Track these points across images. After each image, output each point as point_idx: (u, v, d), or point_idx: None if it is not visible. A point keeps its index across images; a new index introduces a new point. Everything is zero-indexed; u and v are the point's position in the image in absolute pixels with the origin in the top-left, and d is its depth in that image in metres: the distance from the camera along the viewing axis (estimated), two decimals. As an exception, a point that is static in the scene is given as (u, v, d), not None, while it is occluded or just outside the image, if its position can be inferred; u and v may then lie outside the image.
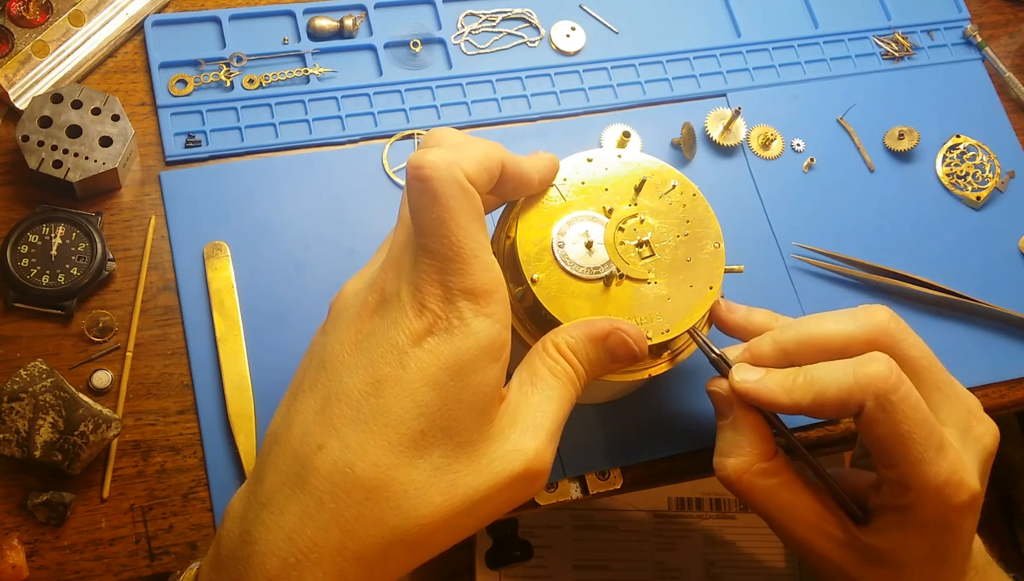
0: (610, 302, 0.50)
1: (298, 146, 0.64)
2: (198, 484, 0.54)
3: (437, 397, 0.42)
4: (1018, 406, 0.66)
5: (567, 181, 0.53)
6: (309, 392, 0.44)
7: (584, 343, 0.47)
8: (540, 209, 0.52)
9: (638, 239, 0.52)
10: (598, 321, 0.48)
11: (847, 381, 0.47)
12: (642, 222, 0.52)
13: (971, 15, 0.77)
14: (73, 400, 0.52)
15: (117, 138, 0.59)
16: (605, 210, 0.52)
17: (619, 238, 0.52)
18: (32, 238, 0.57)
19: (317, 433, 0.42)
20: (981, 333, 0.66)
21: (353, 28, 0.67)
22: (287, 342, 0.58)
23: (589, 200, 0.52)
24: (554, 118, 0.68)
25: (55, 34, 0.62)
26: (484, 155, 0.45)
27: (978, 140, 0.72)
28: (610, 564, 0.77)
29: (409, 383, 0.41)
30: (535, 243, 0.51)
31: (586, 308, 0.50)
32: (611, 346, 0.47)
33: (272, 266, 0.60)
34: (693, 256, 0.52)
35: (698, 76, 0.71)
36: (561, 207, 0.52)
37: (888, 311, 0.51)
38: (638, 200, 0.53)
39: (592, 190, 0.53)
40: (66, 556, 0.52)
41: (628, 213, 0.52)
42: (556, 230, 0.51)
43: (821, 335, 0.51)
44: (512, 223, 0.52)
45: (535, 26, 0.70)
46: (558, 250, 0.51)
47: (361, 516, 0.40)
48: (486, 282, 0.42)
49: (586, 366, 0.47)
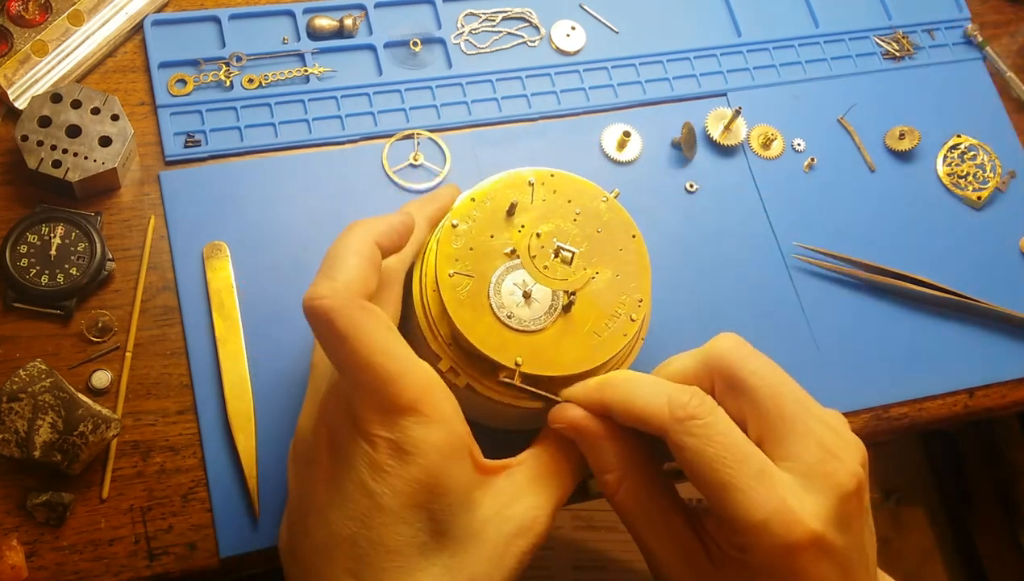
0: (583, 321, 0.50)
1: (298, 146, 0.64)
2: (197, 484, 0.54)
3: (422, 512, 0.43)
4: (1018, 406, 0.66)
5: (458, 254, 0.50)
6: (313, 531, 0.44)
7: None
8: (456, 295, 0.49)
9: (551, 251, 0.50)
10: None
11: (656, 400, 0.45)
12: (538, 236, 0.51)
13: (972, 15, 0.77)
14: (72, 400, 0.52)
15: (116, 138, 0.59)
16: (507, 254, 0.50)
17: (539, 264, 0.50)
18: (31, 238, 0.57)
19: (328, 575, 0.43)
20: (981, 333, 0.66)
21: (353, 28, 0.67)
22: (287, 342, 0.58)
23: (487, 255, 0.50)
24: (554, 118, 0.68)
25: (54, 34, 0.62)
26: (357, 251, 0.45)
27: (979, 140, 0.72)
28: (610, 565, 0.77)
29: (392, 511, 0.42)
30: (481, 325, 0.49)
31: (574, 346, 0.49)
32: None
33: (272, 266, 0.60)
34: (599, 224, 0.52)
35: (698, 76, 0.71)
36: (473, 283, 0.50)
37: (733, 338, 0.48)
38: (516, 221, 0.51)
39: (478, 243, 0.51)
40: (65, 556, 0.52)
41: (524, 238, 0.51)
42: (492, 304, 0.49)
43: (666, 368, 0.50)
44: (441, 321, 0.50)
45: (535, 26, 0.70)
46: (510, 321, 0.49)
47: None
48: (422, 391, 0.43)
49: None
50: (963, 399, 0.64)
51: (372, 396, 0.42)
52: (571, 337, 0.50)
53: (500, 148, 0.66)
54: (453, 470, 0.43)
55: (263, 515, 0.54)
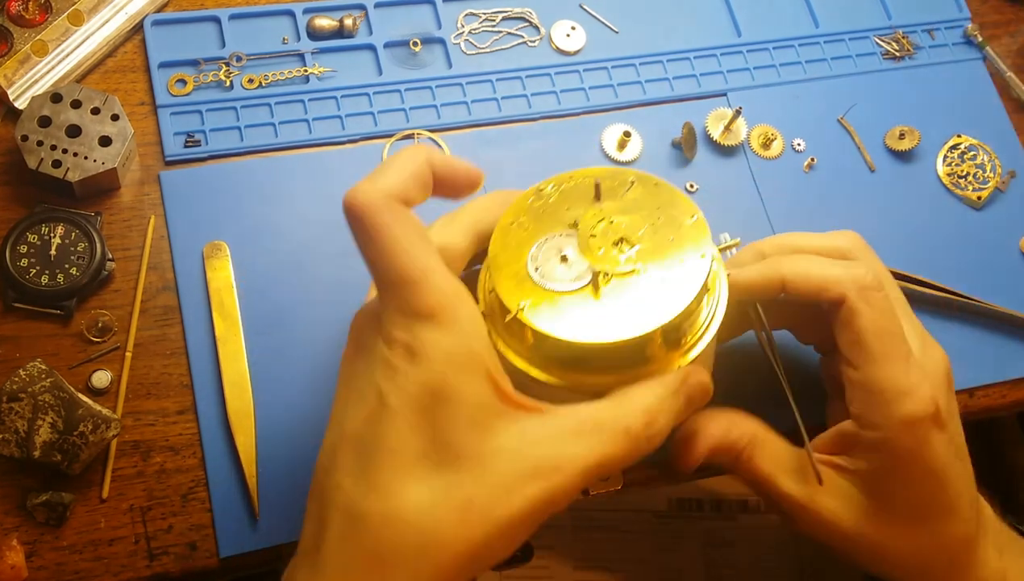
0: (605, 306, 0.50)
1: (298, 146, 0.64)
2: (197, 484, 0.54)
3: (426, 418, 0.42)
4: (1018, 406, 0.66)
5: (526, 209, 0.51)
6: (328, 434, 0.45)
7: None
8: (507, 248, 0.50)
9: (613, 239, 0.50)
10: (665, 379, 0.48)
11: (834, 270, 0.50)
12: (612, 223, 0.51)
13: (972, 15, 0.77)
14: (72, 400, 0.52)
15: (116, 138, 0.59)
16: (572, 224, 0.51)
17: (593, 245, 0.50)
18: (31, 238, 0.57)
19: (333, 472, 0.43)
20: (981, 333, 0.66)
21: (353, 28, 0.67)
22: (287, 342, 0.58)
23: (553, 223, 0.51)
24: (554, 118, 0.68)
25: (54, 33, 0.62)
26: (406, 164, 0.45)
27: (979, 140, 0.72)
28: (610, 565, 0.77)
29: (396, 410, 0.42)
30: (512, 277, 0.49)
31: (581, 318, 0.49)
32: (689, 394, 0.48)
33: (272, 266, 0.60)
34: (674, 235, 0.51)
35: (698, 76, 0.71)
36: (528, 236, 0.50)
37: (857, 235, 0.55)
38: (601, 206, 0.51)
39: (552, 212, 0.51)
40: (65, 556, 0.52)
41: (595, 219, 0.51)
42: (529, 257, 0.49)
43: (799, 243, 0.54)
44: (486, 273, 0.50)
45: (535, 26, 0.70)
46: (535, 274, 0.49)
47: (380, 539, 0.41)
48: (441, 298, 0.43)
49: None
50: (963, 399, 0.64)
51: (395, 294, 0.43)
52: (586, 316, 0.49)
53: (500, 148, 0.66)
54: (464, 383, 0.42)
55: (263, 515, 0.54)
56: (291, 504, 0.54)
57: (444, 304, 0.42)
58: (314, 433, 0.56)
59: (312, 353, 0.58)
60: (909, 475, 0.50)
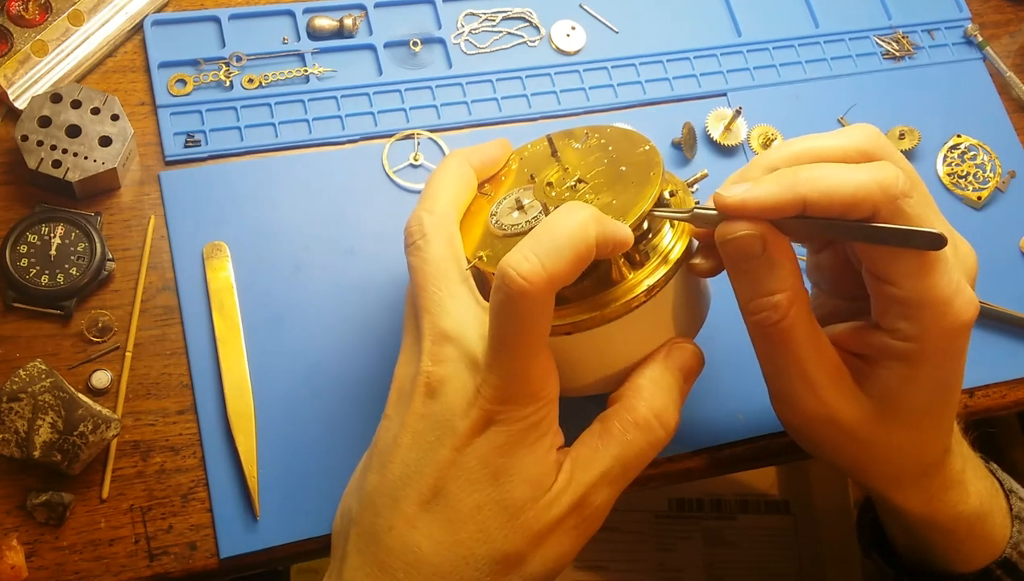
0: None
1: (298, 146, 0.64)
2: (197, 484, 0.54)
3: (490, 475, 0.44)
4: (1018, 406, 0.66)
5: (492, 181, 0.55)
6: (377, 473, 0.47)
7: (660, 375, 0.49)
8: (472, 214, 0.53)
9: (569, 184, 0.52)
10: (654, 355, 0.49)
11: (863, 178, 0.44)
12: (566, 170, 0.53)
13: (972, 14, 0.77)
14: (72, 400, 0.52)
15: (116, 138, 0.59)
16: (530, 179, 0.53)
17: (548, 191, 0.52)
18: (31, 238, 0.57)
19: (386, 515, 0.45)
20: (981, 333, 0.66)
21: (353, 28, 0.67)
22: (287, 342, 0.58)
23: (516, 183, 0.54)
24: (554, 118, 0.68)
25: (54, 33, 0.62)
26: (578, 247, 0.43)
27: (979, 140, 0.72)
28: (610, 564, 0.77)
29: (465, 466, 0.44)
30: (477, 236, 0.51)
31: None
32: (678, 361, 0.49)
33: (272, 266, 0.60)
34: (626, 163, 0.51)
35: (698, 76, 0.71)
36: (490, 201, 0.53)
37: (874, 128, 0.49)
38: (561, 161, 0.53)
39: (516, 178, 0.54)
40: (65, 556, 0.52)
41: (553, 171, 0.53)
42: (489, 214, 0.52)
43: (814, 149, 0.47)
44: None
45: (535, 26, 0.70)
46: (494, 225, 0.51)
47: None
48: (539, 386, 0.45)
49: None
50: (963, 399, 0.64)
51: (505, 382, 0.44)
52: None
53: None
54: (531, 447, 0.45)
55: (263, 515, 0.54)
56: (291, 504, 0.54)
57: (538, 389, 0.45)
58: (314, 433, 0.56)
59: (312, 353, 0.58)
60: (933, 381, 0.48)
